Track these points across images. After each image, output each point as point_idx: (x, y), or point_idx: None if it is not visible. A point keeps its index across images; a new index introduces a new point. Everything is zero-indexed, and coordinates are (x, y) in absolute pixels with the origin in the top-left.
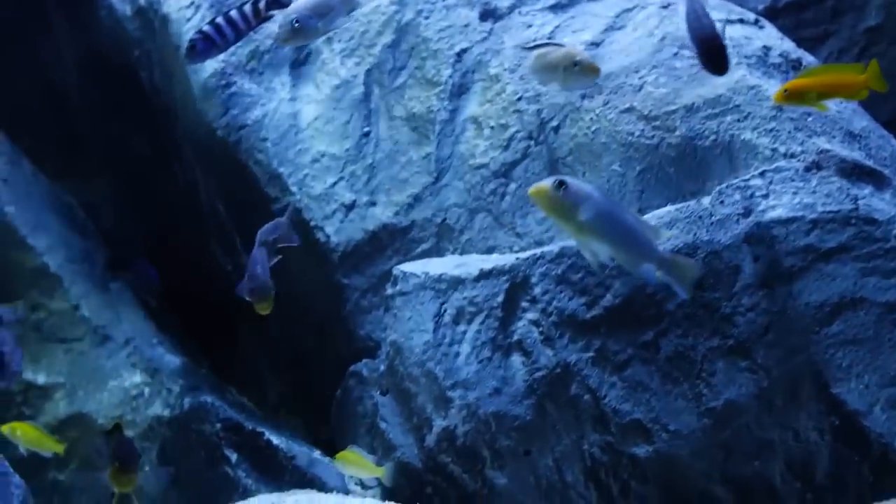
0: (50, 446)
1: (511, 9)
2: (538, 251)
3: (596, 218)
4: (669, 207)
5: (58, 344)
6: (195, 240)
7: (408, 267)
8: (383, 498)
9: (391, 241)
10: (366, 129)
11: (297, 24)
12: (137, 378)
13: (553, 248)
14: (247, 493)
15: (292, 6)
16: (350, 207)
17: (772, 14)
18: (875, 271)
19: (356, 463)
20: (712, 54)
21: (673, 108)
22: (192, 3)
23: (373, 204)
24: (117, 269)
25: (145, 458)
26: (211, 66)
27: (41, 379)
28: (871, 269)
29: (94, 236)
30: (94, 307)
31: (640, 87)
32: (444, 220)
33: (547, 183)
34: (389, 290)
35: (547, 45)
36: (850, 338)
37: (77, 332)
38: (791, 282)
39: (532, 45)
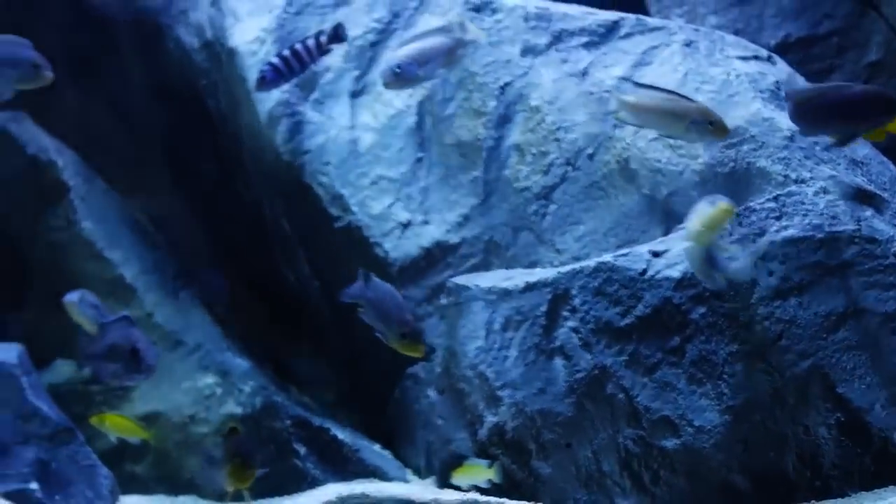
0: (138, 434)
1: (549, 46)
2: (577, 266)
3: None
4: None
5: None
6: (259, 252)
7: (461, 280)
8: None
9: (443, 257)
10: (419, 155)
11: (398, 71)
12: (209, 379)
13: (590, 263)
14: (315, 483)
15: (398, 52)
16: (406, 226)
17: (782, 49)
18: (875, 285)
19: (471, 471)
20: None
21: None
22: (257, 38)
23: (427, 223)
24: (186, 279)
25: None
26: (276, 95)
27: None
28: (872, 283)
29: (163, 249)
30: (166, 314)
31: None
32: (492, 237)
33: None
34: (444, 301)
35: (669, 92)
36: (853, 343)
37: (151, 338)
38: (801, 294)
39: (646, 84)
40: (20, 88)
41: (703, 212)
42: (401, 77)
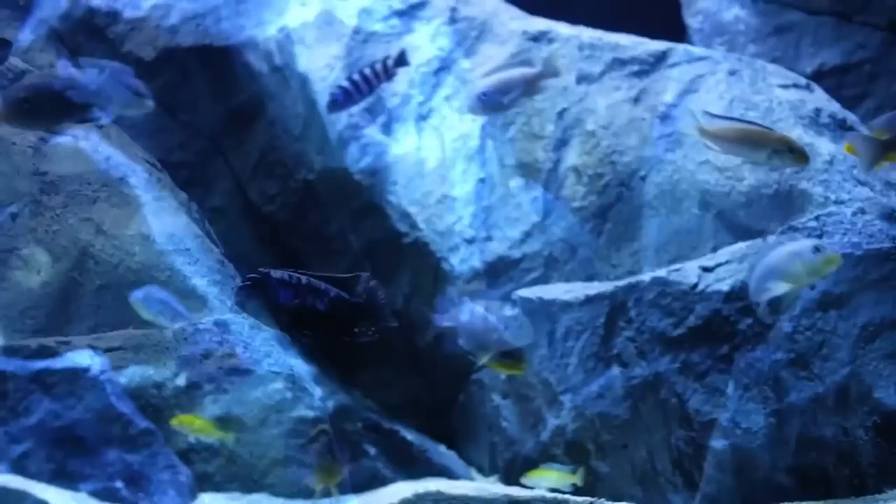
0: (217, 435)
1: (602, 74)
2: (633, 280)
3: None
4: (741, 244)
5: None
6: (324, 265)
7: (524, 292)
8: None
9: (506, 270)
10: (481, 176)
11: (483, 98)
12: (279, 384)
13: (645, 277)
14: (386, 482)
15: (484, 81)
16: (470, 241)
17: (818, 76)
18: None
19: (550, 475)
20: None
21: (742, 161)
22: (327, 64)
23: (489, 239)
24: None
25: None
26: (346, 118)
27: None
28: None
29: (231, 261)
30: (237, 322)
31: None
32: (551, 253)
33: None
34: (509, 312)
35: (748, 123)
36: (889, 352)
37: (224, 345)
38: (841, 306)
39: (723, 116)
40: (123, 114)
41: (809, 260)
42: (485, 104)
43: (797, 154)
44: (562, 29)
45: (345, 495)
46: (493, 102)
